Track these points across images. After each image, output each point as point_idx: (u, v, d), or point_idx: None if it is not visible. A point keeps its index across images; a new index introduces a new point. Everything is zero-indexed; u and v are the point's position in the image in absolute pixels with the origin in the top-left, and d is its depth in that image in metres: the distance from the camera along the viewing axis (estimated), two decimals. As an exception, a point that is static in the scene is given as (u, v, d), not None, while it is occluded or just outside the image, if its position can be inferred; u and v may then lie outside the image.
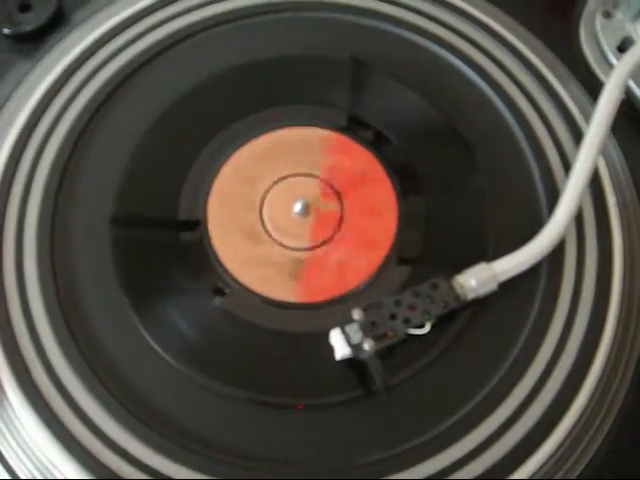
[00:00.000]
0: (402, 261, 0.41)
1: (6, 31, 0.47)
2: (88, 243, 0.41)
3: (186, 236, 0.41)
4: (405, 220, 0.42)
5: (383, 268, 0.40)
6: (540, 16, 0.49)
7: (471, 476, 0.36)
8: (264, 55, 0.46)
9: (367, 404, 0.37)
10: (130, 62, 0.46)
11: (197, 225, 0.41)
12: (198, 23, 0.47)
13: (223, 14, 0.47)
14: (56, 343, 0.38)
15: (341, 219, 0.42)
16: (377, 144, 0.44)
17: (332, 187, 0.43)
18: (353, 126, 0.45)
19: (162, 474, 0.35)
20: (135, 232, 0.41)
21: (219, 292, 0.40)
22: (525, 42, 0.47)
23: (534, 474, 0.36)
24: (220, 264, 0.40)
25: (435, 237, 0.41)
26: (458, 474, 0.36)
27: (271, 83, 0.46)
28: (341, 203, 0.42)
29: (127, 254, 0.40)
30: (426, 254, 0.41)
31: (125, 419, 0.36)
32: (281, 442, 0.36)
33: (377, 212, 0.42)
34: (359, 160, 0.44)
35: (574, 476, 0.37)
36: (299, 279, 0.40)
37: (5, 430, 0.37)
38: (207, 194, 0.42)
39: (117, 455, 0.35)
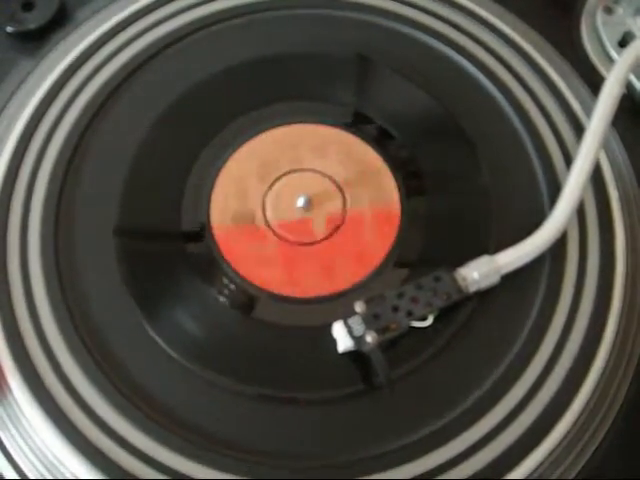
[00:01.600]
0: (405, 256, 0.41)
1: (9, 29, 0.47)
2: (92, 242, 0.41)
3: (191, 238, 0.41)
4: (408, 215, 0.42)
5: (387, 262, 0.40)
6: (541, 11, 0.49)
7: (470, 473, 0.36)
8: (268, 52, 0.46)
9: (368, 398, 0.37)
10: (132, 60, 0.46)
11: (201, 226, 0.42)
12: (202, 19, 0.47)
13: (227, 10, 0.47)
14: (62, 339, 0.38)
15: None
16: (381, 140, 0.44)
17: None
18: (358, 122, 0.45)
19: (172, 469, 0.35)
20: (140, 236, 0.41)
21: (224, 289, 0.40)
22: (526, 38, 0.47)
23: (531, 474, 0.36)
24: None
25: (438, 230, 0.41)
26: (457, 469, 0.36)
27: (276, 80, 0.46)
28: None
29: (132, 257, 0.40)
30: (429, 247, 0.41)
31: (133, 416, 0.36)
32: (284, 436, 0.36)
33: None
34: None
35: (571, 476, 0.37)
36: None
37: (13, 429, 0.37)
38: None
39: (127, 452, 0.35)
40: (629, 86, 0.46)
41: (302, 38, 0.47)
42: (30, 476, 0.36)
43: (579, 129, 0.44)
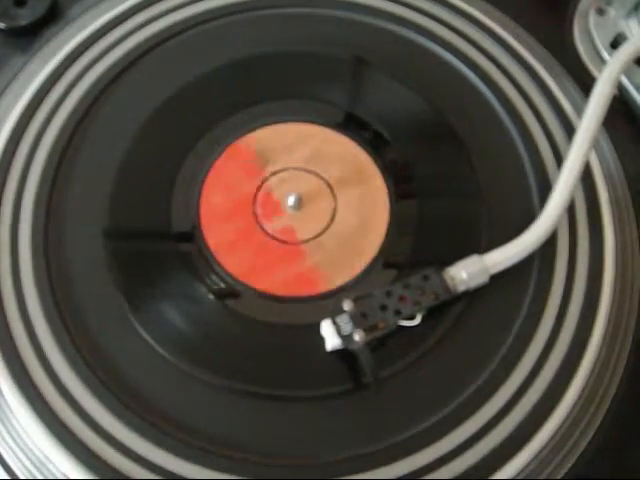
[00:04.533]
0: (395, 255, 0.41)
1: (1, 25, 0.47)
2: (82, 242, 0.41)
3: (181, 238, 0.41)
4: (398, 214, 0.42)
5: (376, 261, 0.40)
6: (534, 13, 0.49)
7: (458, 472, 0.36)
8: (262, 51, 0.46)
9: (356, 396, 0.37)
10: (123, 58, 0.46)
11: (192, 225, 0.41)
12: (196, 17, 0.47)
13: (223, 8, 0.47)
14: (53, 339, 0.38)
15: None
16: (373, 141, 0.44)
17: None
18: (350, 123, 0.45)
19: (161, 468, 0.35)
20: (130, 237, 0.42)
21: (213, 287, 0.40)
22: (519, 39, 0.47)
23: (519, 473, 0.36)
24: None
25: (428, 230, 0.41)
26: (445, 469, 0.35)
27: (268, 79, 0.46)
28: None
29: (122, 258, 0.40)
30: (419, 247, 0.41)
31: (123, 415, 0.36)
32: (270, 434, 0.36)
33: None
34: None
35: (559, 476, 0.37)
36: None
37: (2, 428, 0.36)
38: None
39: (116, 451, 0.35)
40: (621, 88, 0.46)
41: (296, 37, 0.47)
42: (20, 476, 0.36)
43: (570, 129, 0.44)
